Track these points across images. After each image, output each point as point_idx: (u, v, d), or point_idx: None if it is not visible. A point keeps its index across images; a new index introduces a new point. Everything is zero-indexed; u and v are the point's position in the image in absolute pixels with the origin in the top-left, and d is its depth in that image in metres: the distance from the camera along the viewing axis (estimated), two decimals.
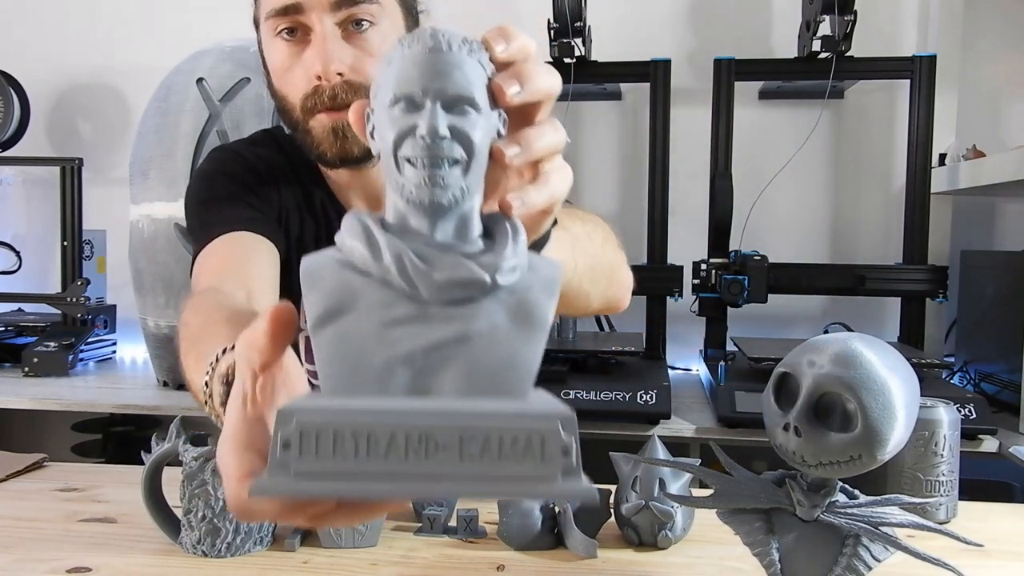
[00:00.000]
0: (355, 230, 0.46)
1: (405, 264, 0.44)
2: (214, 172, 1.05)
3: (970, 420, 1.50)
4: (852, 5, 1.85)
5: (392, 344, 0.44)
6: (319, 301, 0.45)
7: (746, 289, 1.81)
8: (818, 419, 0.58)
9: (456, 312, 0.44)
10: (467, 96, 0.46)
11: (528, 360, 0.45)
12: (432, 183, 0.45)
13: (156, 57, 2.10)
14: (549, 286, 0.47)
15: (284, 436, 0.40)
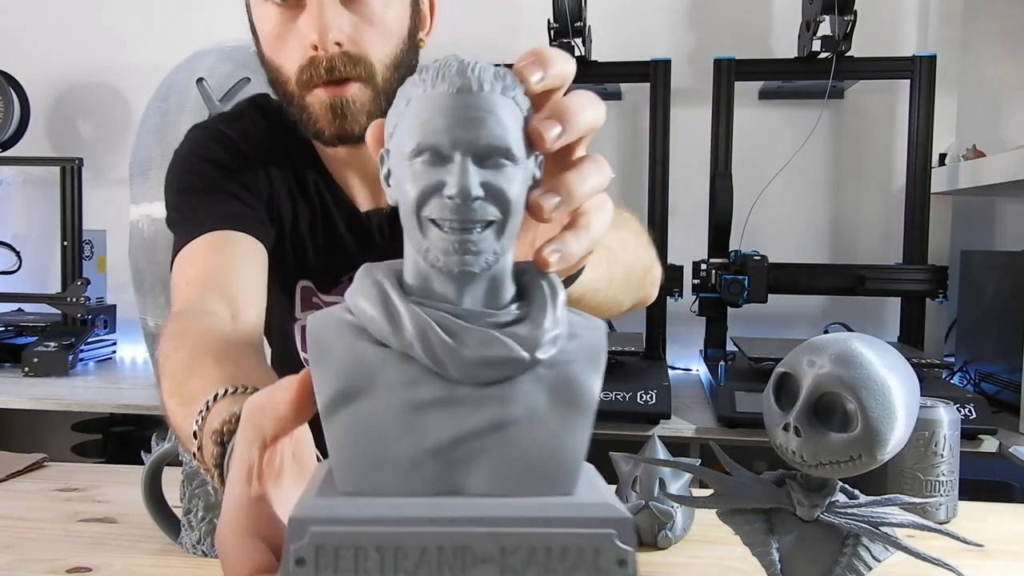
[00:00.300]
0: (370, 295, 0.41)
1: (431, 340, 0.39)
2: (193, 156, 0.96)
3: (970, 420, 1.50)
4: (852, 5, 1.86)
5: (418, 433, 0.38)
6: (331, 380, 0.39)
7: (746, 289, 1.81)
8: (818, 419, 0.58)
9: (490, 394, 0.39)
10: (502, 147, 0.40)
11: (574, 448, 0.39)
12: (462, 250, 0.39)
13: (156, 57, 2.11)
14: (594, 357, 0.41)
15: (298, 551, 0.35)
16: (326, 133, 0.87)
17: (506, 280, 0.42)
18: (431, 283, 0.41)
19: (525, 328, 0.40)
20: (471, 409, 0.39)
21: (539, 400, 0.39)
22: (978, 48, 2.14)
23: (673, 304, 2.03)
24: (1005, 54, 2.16)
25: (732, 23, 2.24)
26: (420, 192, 0.39)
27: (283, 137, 0.98)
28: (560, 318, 0.41)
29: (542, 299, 0.41)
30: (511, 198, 0.40)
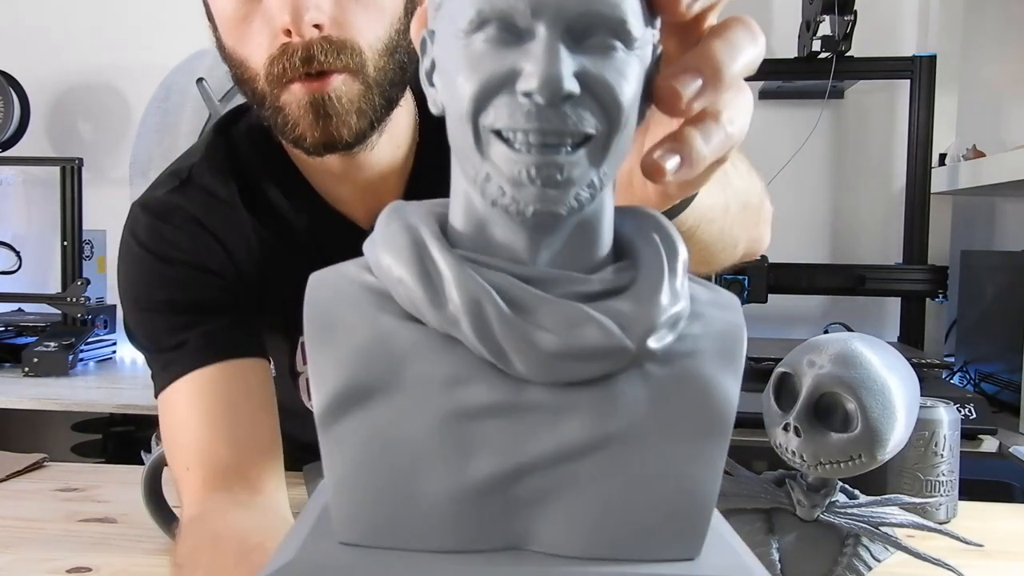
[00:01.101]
0: (399, 245, 0.27)
1: (488, 316, 0.26)
2: (147, 253, 0.78)
3: (970, 420, 1.50)
4: (852, 5, 1.86)
5: (465, 456, 0.25)
6: (338, 368, 0.26)
7: (746, 289, 1.81)
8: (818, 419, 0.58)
9: (574, 401, 0.26)
10: (613, 18, 0.26)
11: (702, 486, 0.26)
12: (543, 179, 0.26)
13: (156, 57, 2.10)
14: (729, 348, 0.28)
15: None
16: (308, 139, 0.70)
17: (603, 229, 0.29)
18: (490, 231, 0.28)
19: (629, 302, 0.27)
20: (545, 423, 0.26)
21: (649, 411, 0.26)
22: (978, 48, 2.14)
23: None
24: (1005, 54, 2.16)
25: None
26: (481, 86, 0.26)
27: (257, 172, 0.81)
28: (681, 290, 0.28)
29: (655, 260, 0.28)
30: (623, 101, 0.26)
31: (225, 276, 0.79)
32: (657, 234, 0.29)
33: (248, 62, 0.71)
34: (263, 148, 0.78)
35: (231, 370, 0.74)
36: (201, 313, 0.77)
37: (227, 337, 0.76)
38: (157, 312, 0.78)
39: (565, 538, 0.25)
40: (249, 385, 0.75)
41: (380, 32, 0.70)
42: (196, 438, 0.72)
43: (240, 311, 0.79)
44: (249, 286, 0.80)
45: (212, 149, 0.82)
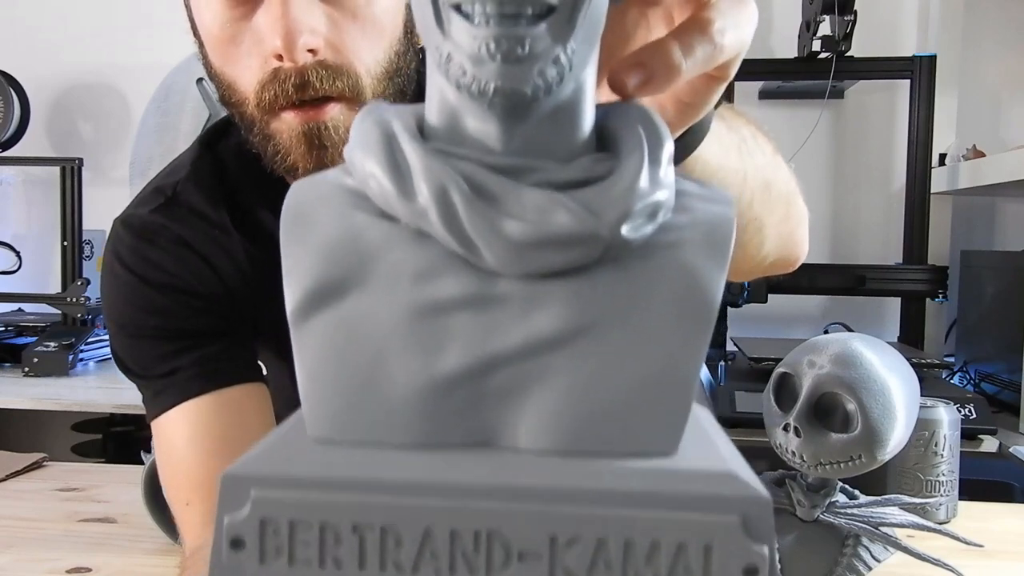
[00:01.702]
0: (371, 140, 0.27)
1: (455, 205, 0.25)
2: (132, 276, 0.74)
3: (970, 420, 1.50)
4: (852, 5, 1.86)
5: (433, 348, 0.25)
6: (309, 265, 0.27)
7: (746, 289, 1.81)
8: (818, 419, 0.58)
9: (546, 292, 0.25)
10: None
11: (679, 379, 0.25)
12: (503, 52, 0.24)
13: (156, 57, 2.10)
14: (715, 239, 0.26)
15: (233, 528, 0.23)
16: (300, 170, 0.65)
17: (581, 114, 0.27)
18: (462, 121, 0.27)
19: (603, 189, 0.25)
20: (516, 314, 0.25)
21: (625, 302, 0.25)
22: (978, 48, 2.14)
23: None
24: (1005, 54, 2.16)
25: None
26: None
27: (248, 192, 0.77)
28: (663, 179, 0.26)
29: (636, 146, 0.26)
30: None
31: (215, 299, 0.75)
32: (641, 124, 0.27)
33: (236, 84, 0.66)
34: (253, 167, 0.73)
35: (227, 399, 0.71)
36: (192, 339, 0.73)
37: (221, 364, 0.73)
38: (145, 338, 0.74)
39: (536, 433, 0.25)
40: (246, 414, 0.72)
41: (379, 55, 0.66)
42: (195, 473, 0.69)
43: (233, 335, 0.75)
44: (241, 309, 0.77)
45: (198, 166, 0.78)
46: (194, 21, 0.69)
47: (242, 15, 0.63)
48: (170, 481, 0.72)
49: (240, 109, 0.67)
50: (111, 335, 0.77)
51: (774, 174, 0.63)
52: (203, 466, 0.70)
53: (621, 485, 0.23)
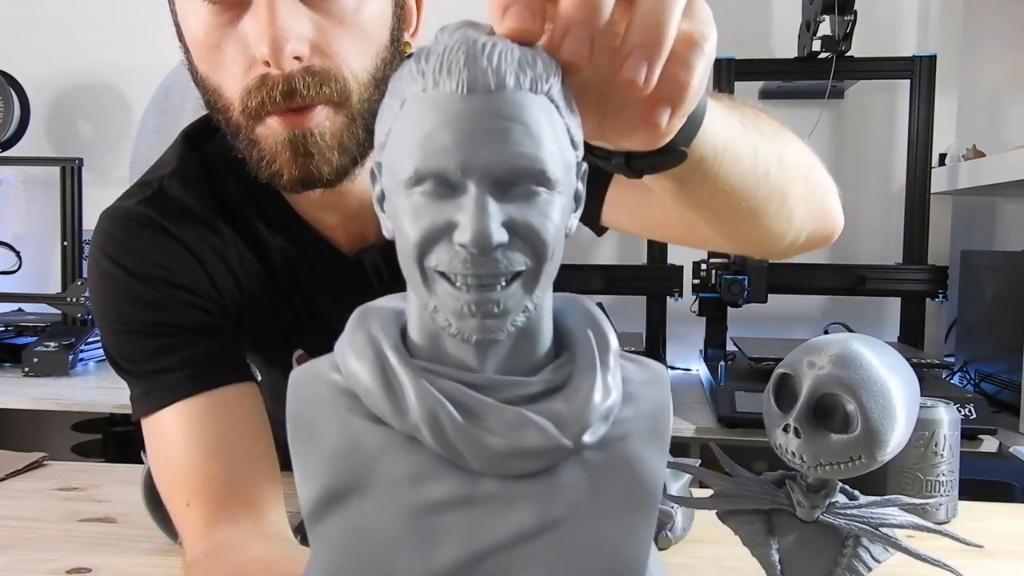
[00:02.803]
0: (365, 358, 0.31)
1: (443, 424, 0.29)
2: (119, 270, 0.73)
3: (970, 420, 1.50)
4: (852, 5, 1.86)
5: (430, 544, 0.29)
6: (318, 471, 0.30)
7: (746, 289, 1.81)
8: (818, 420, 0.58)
9: (522, 490, 0.30)
10: (534, 170, 0.29)
11: (635, 553, 0.30)
12: (481, 312, 0.30)
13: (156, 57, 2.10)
14: (656, 426, 0.32)
15: None
16: (285, 177, 0.66)
17: (541, 334, 0.32)
18: (443, 344, 0.31)
19: (565, 402, 0.30)
20: (498, 511, 0.29)
21: (587, 494, 0.30)
22: (978, 48, 2.14)
23: (673, 304, 2.03)
24: (1005, 54, 2.16)
25: (732, 23, 2.24)
26: (423, 235, 0.30)
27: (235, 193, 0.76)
28: (613, 383, 0.31)
29: (588, 357, 0.31)
30: (547, 239, 0.30)
31: (202, 293, 0.74)
32: (591, 329, 0.33)
33: (221, 90, 0.65)
34: (240, 170, 0.72)
35: (220, 400, 0.71)
36: (180, 335, 0.73)
37: (211, 365, 0.72)
38: (132, 334, 0.73)
39: None
40: (240, 414, 0.72)
41: (366, 62, 0.66)
42: (194, 475, 0.69)
43: (221, 335, 0.75)
44: (229, 305, 0.76)
45: (185, 163, 0.77)
46: (179, 26, 0.69)
47: (228, 21, 0.63)
48: (167, 482, 0.72)
49: (225, 115, 0.66)
50: (100, 331, 0.76)
51: (785, 146, 0.63)
52: (202, 468, 0.69)
53: None
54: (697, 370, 2.15)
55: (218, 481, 0.69)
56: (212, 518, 0.67)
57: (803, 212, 0.68)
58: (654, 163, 0.49)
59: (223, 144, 0.74)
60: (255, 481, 0.70)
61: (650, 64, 0.35)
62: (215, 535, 0.66)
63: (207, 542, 0.66)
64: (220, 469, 0.69)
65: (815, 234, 0.73)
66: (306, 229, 0.78)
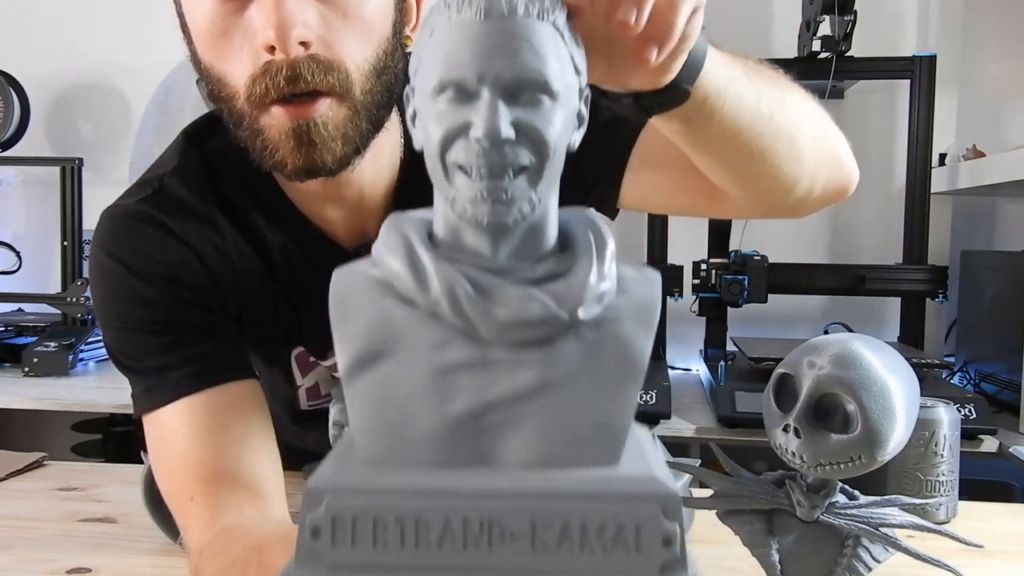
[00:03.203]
0: (396, 248, 0.37)
1: (459, 298, 0.35)
2: (120, 268, 0.74)
3: (970, 420, 1.50)
4: (852, 5, 1.86)
5: (446, 398, 0.35)
6: (353, 340, 0.36)
7: (746, 289, 1.81)
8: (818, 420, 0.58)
9: (525, 357, 0.35)
10: (538, 80, 0.35)
11: (619, 416, 0.35)
12: (492, 198, 0.35)
13: (156, 57, 2.10)
14: (644, 314, 0.37)
15: (313, 522, 0.33)
16: (289, 166, 0.67)
17: (547, 230, 0.38)
18: (462, 235, 0.37)
19: (565, 284, 0.36)
20: (504, 373, 0.35)
21: (580, 363, 0.35)
22: (978, 48, 2.14)
23: (673, 304, 2.02)
24: (1005, 54, 2.16)
25: (732, 23, 2.24)
26: (444, 134, 0.36)
27: (236, 191, 0.77)
28: (608, 272, 0.37)
29: (587, 250, 0.37)
30: (549, 140, 0.36)
31: (203, 290, 0.75)
32: (591, 231, 0.38)
33: (227, 79, 0.66)
34: (241, 168, 0.73)
35: (224, 396, 0.72)
36: (181, 333, 0.73)
37: (213, 363, 0.73)
38: (135, 331, 0.74)
39: (520, 454, 0.35)
40: (244, 410, 0.73)
41: (368, 53, 0.67)
42: (201, 470, 0.69)
43: (222, 334, 0.76)
44: (230, 302, 0.77)
45: (185, 161, 0.78)
46: (183, 17, 0.70)
47: (234, 10, 0.64)
48: (171, 477, 0.72)
49: (230, 104, 0.67)
50: (101, 328, 0.77)
51: (790, 93, 0.67)
52: (208, 462, 0.70)
53: (578, 487, 0.33)
54: (697, 370, 2.15)
55: (224, 475, 0.69)
56: (218, 510, 0.68)
57: (813, 157, 0.70)
58: (661, 101, 0.54)
59: (223, 141, 0.75)
60: (260, 475, 0.71)
61: (639, 7, 0.43)
62: (222, 522, 0.67)
63: (214, 530, 0.67)
64: (226, 463, 0.70)
65: (830, 184, 0.74)
66: (306, 225, 0.79)
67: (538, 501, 0.33)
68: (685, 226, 2.12)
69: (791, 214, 0.76)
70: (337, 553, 0.33)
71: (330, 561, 0.33)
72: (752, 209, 0.77)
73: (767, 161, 0.65)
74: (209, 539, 0.66)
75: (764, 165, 0.66)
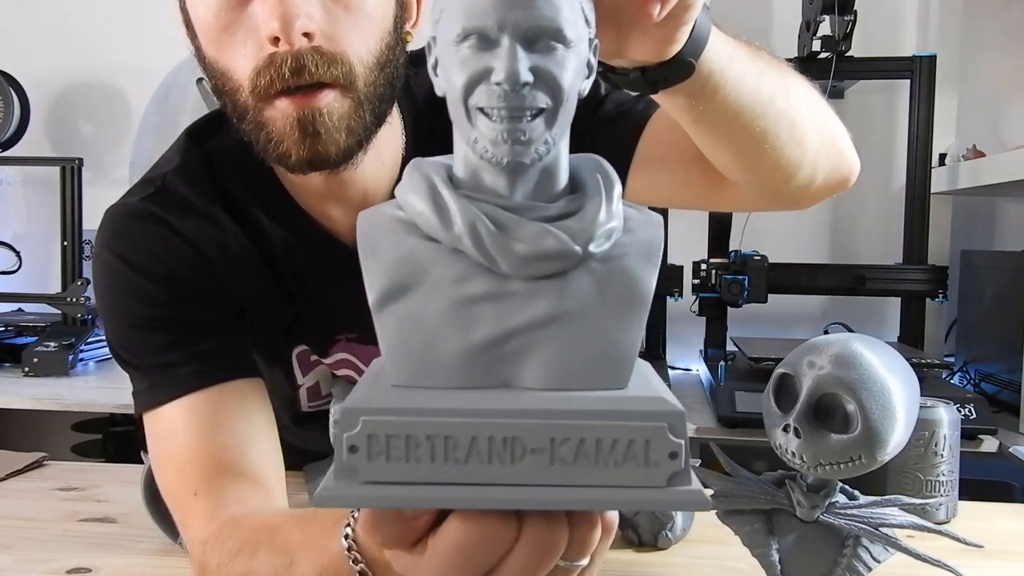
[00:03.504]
0: (419, 189, 0.40)
1: (481, 234, 0.38)
2: (124, 265, 0.74)
3: (970, 420, 1.50)
4: (852, 5, 1.85)
5: (468, 327, 0.38)
6: (381, 275, 0.39)
7: (746, 289, 1.81)
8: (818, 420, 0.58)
9: (541, 288, 0.38)
10: (553, 28, 0.38)
11: (626, 342, 0.39)
12: (512, 139, 0.38)
13: (156, 57, 2.10)
14: (649, 251, 0.40)
15: (351, 439, 0.36)
16: (293, 158, 0.67)
17: (559, 172, 0.41)
18: (481, 176, 0.40)
19: (577, 221, 0.39)
20: (521, 303, 0.38)
21: (591, 294, 0.38)
22: (978, 48, 2.14)
23: (673, 304, 2.03)
24: (1005, 54, 2.16)
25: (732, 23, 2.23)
26: (467, 79, 0.38)
27: (238, 188, 0.78)
28: (615, 211, 0.40)
29: (596, 191, 0.40)
30: (563, 84, 0.38)
31: (206, 288, 0.75)
32: (599, 174, 0.41)
33: (231, 73, 0.67)
34: (243, 165, 0.74)
35: (227, 393, 0.72)
36: (184, 330, 0.74)
37: (217, 361, 0.73)
38: (138, 328, 0.74)
39: (538, 378, 0.38)
40: (248, 407, 0.73)
41: (371, 46, 0.68)
42: (206, 465, 0.69)
43: (225, 332, 0.76)
44: (232, 300, 0.77)
45: (187, 159, 0.78)
46: (187, 12, 0.70)
47: (237, 4, 0.64)
48: (173, 473, 0.72)
49: (234, 97, 0.67)
50: (105, 326, 0.77)
51: (790, 78, 0.69)
52: (212, 459, 0.70)
53: (594, 406, 0.36)
54: (697, 370, 2.15)
55: (228, 470, 0.69)
56: (222, 503, 0.68)
57: (814, 143, 0.71)
58: (667, 75, 0.55)
59: (225, 139, 0.76)
60: (263, 470, 0.71)
61: None
62: (226, 513, 0.67)
63: (218, 520, 0.67)
64: (230, 458, 0.70)
65: (832, 174, 0.76)
66: (308, 222, 0.79)
67: (556, 419, 0.36)
68: (685, 226, 2.12)
69: (794, 204, 0.77)
70: (372, 468, 0.35)
71: (366, 476, 0.35)
72: (755, 198, 0.77)
73: (769, 143, 0.66)
74: (214, 529, 0.66)
75: (766, 146, 0.67)
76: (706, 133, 0.68)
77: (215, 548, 0.64)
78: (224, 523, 0.66)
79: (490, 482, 0.35)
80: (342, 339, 0.85)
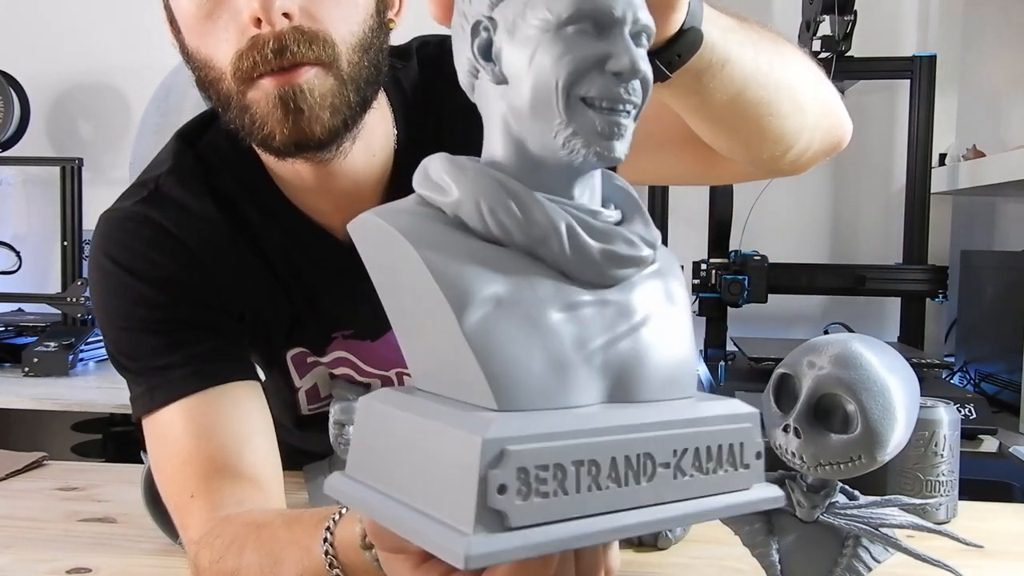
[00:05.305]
0: (486, 187, 0.36)
1: (563, 237, 0.36)
2: (120, 270, 0.74)
3: (970, 420, 1.50)
4: (852, 5, 1.86)
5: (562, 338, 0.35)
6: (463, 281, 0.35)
7: (746, 289, 1.81)
8: (818, 420, 0.58)
9: (626, 296, 0.37)
10: (648, 26, 0.37)
11: (690, 352, 0.39)
12: (612, 134, 0.35)
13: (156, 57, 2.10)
14: (676, 265, 0.41)
15: (498, 478, 0.30)
16: (277, 137, 0.66)
17: (599, 181, 0.40)
18: (541, 175, 0.37)
19: (638, 227, 0.39)
20: (612, 311, 0.37)
21: (657, 303, 0.38)
22: (978, 48, 2.14)
23: None
24: (1005, 54, 2.16)
25: None
26: (576, 65, 0.35)
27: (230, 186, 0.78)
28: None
29: (633, 201, 0.40)
30: (651, 81, 0.37)
31: (203, 289, 0.75)
32: (622, 184, 0.41)
33: (213, 61, 0.67)
34: (234, 162, 0.75)
35: (225, 395, 0.72)
36: (182, 332, 0.74)
37: (215, 363, 0.73)
38: (134, 331, 0.75)
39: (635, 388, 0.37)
40: (246, 409, 0.73)
41: (353, 27, 0.68)
42: (203, 467, 0.70)
43: (223, 333, 0.76)
44: (229, 300, 0.77)
45: (180, 160, 0.78)
46: (170, 9, 0.70)
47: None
48: (172, 475, 0.72)
49: (217, 86, 0.67)
50: (102, 329, 0.77)
51: (783, 45, 0.67)
52: (210, 460, 0.70)
53: (700, 413, 0.36)
54: (697, 370, 2.15)
55: (226, 471, 0.70)
56: (218, 504, 0.68)
57: (814, 108, 0.71)
58: (679, 51, 0.54)
59: (217, 136, 0.76)
60: (261, 473, 0.71)
61: None
62: (221, 513, 0.67)
63: (214, 521, 0.67)
64: (228, 460, 0.70)
65: (827, 137, 0.76)
66: (301, 218, 0.79)
67: (676, 429, 0.35)
68: (685, 226, 2.12)
69: (791, 170, 0.76)
70: (524, 510, 0.31)
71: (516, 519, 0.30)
72: (752, 171, 0.76)
73: (772, 113, 0.65)
74: (208, 528, 0.66)
75: (771, 117, 0.65)
76: (712, 116, 0.65)
77: (207, 546, 0.65)
78: (217, 522, 0.66)
79: (629, 506, 0.33)
80: (338, 336, 0.84)
